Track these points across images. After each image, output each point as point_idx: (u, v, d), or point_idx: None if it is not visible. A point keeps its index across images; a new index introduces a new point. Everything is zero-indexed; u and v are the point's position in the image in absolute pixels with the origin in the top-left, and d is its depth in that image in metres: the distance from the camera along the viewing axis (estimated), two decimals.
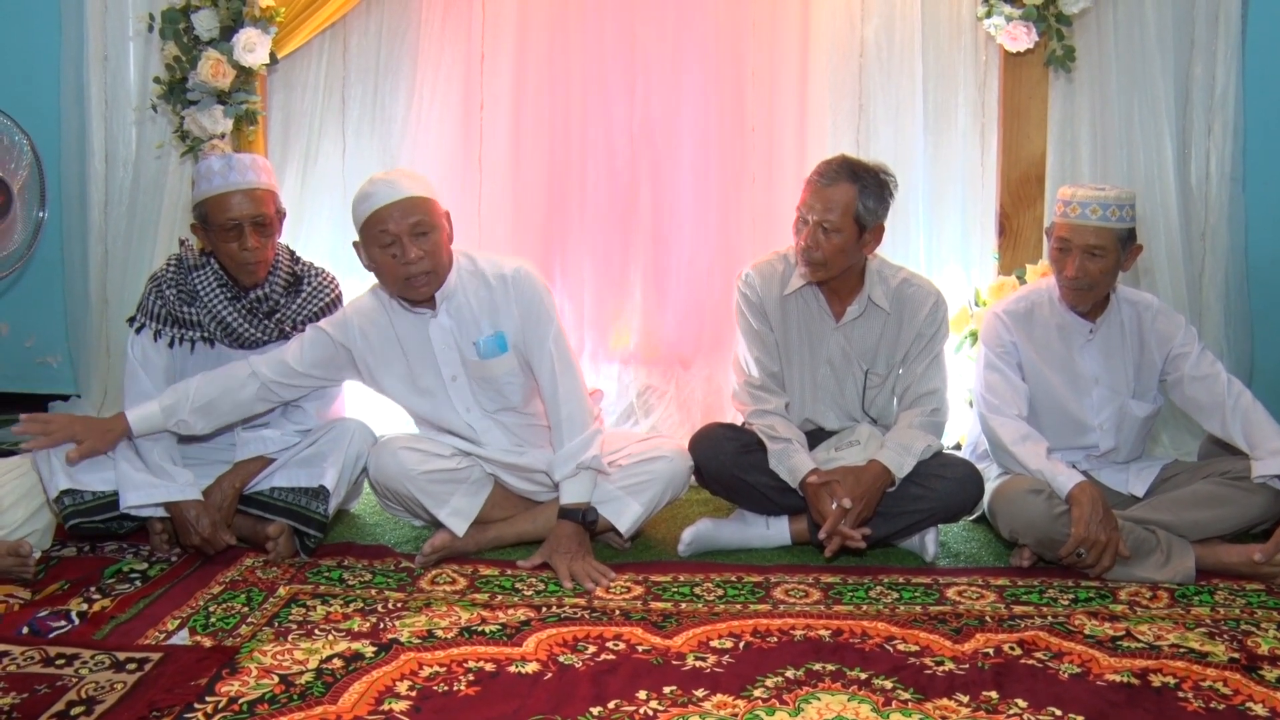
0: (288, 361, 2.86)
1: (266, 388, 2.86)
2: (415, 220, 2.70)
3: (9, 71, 4.19)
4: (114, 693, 2.09)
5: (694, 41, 3.85)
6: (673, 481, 2.93)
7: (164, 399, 2.81)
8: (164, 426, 2.80)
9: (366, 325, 2.89)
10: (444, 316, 2.85)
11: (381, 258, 2.72)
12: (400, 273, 2.72)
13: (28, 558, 2.70)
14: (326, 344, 2.88)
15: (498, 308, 2.86)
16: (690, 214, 3.91)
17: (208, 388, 2.83)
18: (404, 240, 2.69)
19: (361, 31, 3.98)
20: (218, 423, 2.85)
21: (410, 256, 2.69)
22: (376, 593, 2.63)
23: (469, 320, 2.85)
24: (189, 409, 2.80)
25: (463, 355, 2.87)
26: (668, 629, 2.43)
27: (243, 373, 2.85)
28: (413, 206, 2.72)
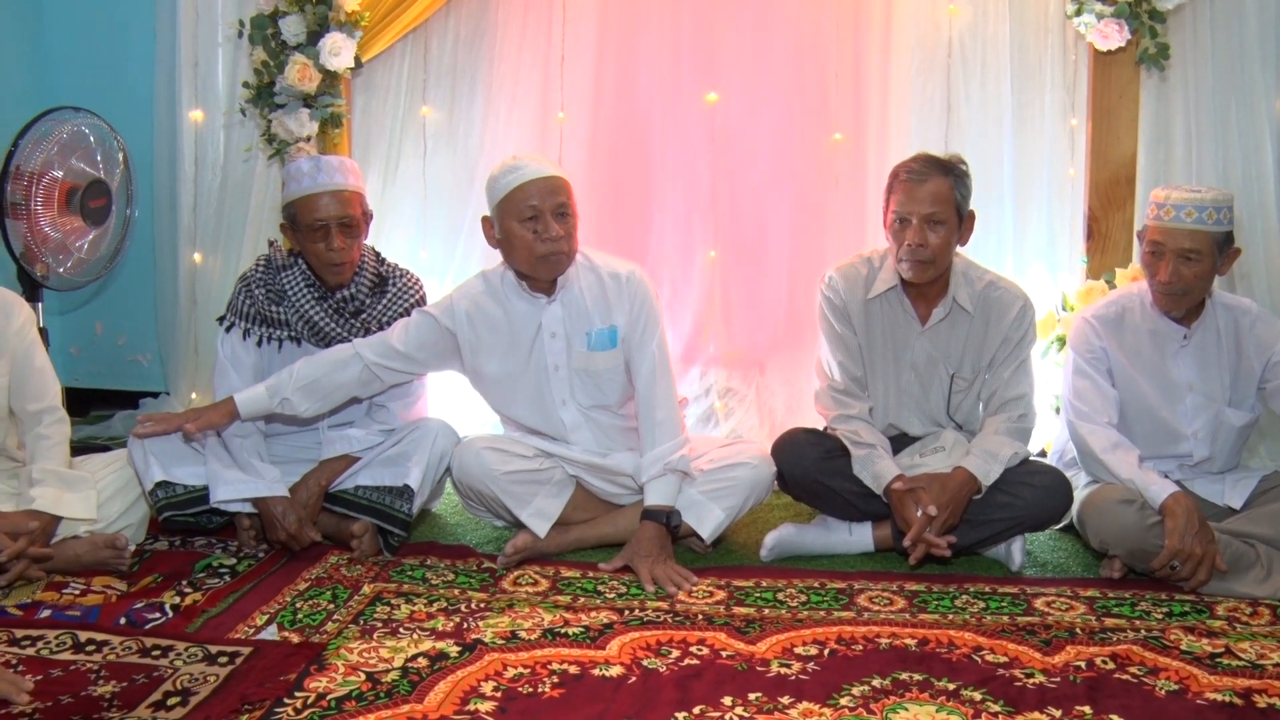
0: (391, 343, 2.88)
1: (369, 369, 2.87)
2: (561, 200, 2.75)
3: (106, 78, 4.30)
4: (207, 685, 2.12)
5: (775, 43, 3.83)
6: (755, 488, 2.91)
7: (269, 381, 2.86)
8: (269, 407, 2.84)
9: (473, 310, 2.91)
10: (558, 305, 2.87)
11: (520, 232, 2.74)
12: (539, 249, 2.74)
13: (124, 550, 2.78)
14: (432, 327, 2.91)
15: (610, 304, 2.88)
16: (771, 217, 3.88)
17: (311, 368, 2.85)
18: (547, 216, 2.72)
19: (441, 35, 4.02)
20: (320, 404, 2.88)
21: (553, 232, 2.72)
22: (460, 593, 2.65)
23: (580, 312, 2.87)
24: (292, 388, 2.83)
25: (569, 346, 2.88)
26: (751, 634, 2.41)
27: (346, 354, 2.88)
28: (559, 186, 2.76)
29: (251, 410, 2.84)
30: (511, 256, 2.82)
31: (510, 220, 2.75)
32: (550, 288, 2.86)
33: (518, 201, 2.73)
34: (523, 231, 2.74)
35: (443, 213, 4.06)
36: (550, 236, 2.73)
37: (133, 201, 3.69)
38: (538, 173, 2.75)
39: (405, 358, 2.90)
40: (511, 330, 2.90)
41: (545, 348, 2.89)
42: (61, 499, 2.75)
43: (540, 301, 2.87)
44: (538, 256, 2.75)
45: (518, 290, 2.88)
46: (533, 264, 2.78)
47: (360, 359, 2.86)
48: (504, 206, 2.76)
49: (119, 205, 3.62)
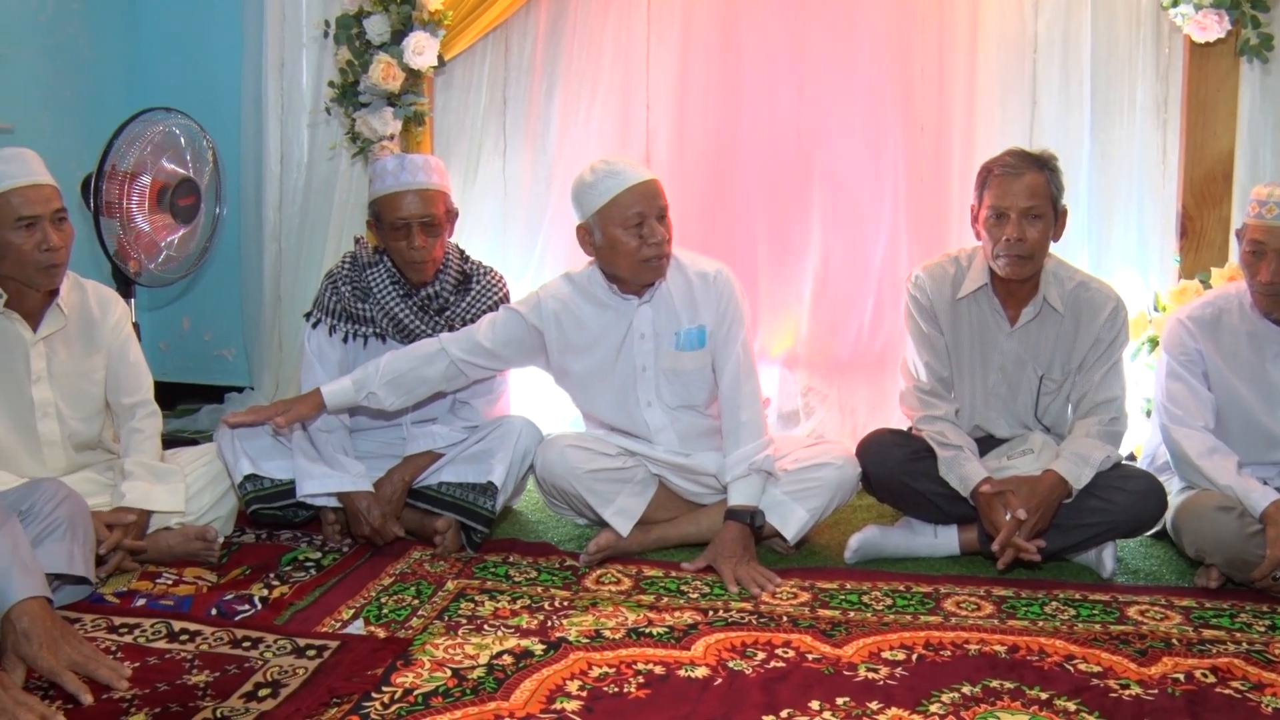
0: (478, 339, 2.89)
1: (454, 365, 2.88)
2: (661, 204, 2.75)
3: (195, 79, 4.40)
4: (296, 677, 2.15)
5: (862, 39, 3.79)
6: (840, 489, 2.88)
7: (355, 373, 2.86)
8: (355, 400, 2.85)
9: (560, 309, 2.91)
10: (648, 306, 2.87)
11: (624, 238, 2.73)
12: (645, 253, 2.73)
13: (213, 542, 2.83)
14: (519, 324, 2.91)
15: (697, 304, 2.86)
16: (856, 214, 3.84)
17: (397, 362, 2.86)
18: (652, 221, 2.72)
19: (522, 33, 4.03)
20: (404, 399, 2.88)
21: (658, 236, 2.72)
22: (543, 590, 2.65)
23: (668, 312, 2.87)
24: (379, 382, 2.83)
25: (658, 346, 2.88)
26: (837, 637, 2.38)
27: (431, 349, 2.89)
28: (658, 190, 2.76)
29: (337, 402, 2.85)
30: (615, 263, 2.80)
31: (613, 227, 2.74)
32: (642, 289, 2.85)
33: (622, 207, 2.72)
34: (627, 238, 2.73)
35: (523, 210, 4.07)
36: (656, 241, 2.72)
37: (222, 200, 3.75)
38: (638, 177, 2.73)
39: (491, 354, 2.90)
40: (600, 331, 2.90)
41: (634, 349, 2.88)
42: (152, 492, 2.80)
43: (631, 303, 2.86)
44: (642, 261, 2.74)
45: (608, 292, 2.88)
46: (637, 269, 2.77)
47: (446, 354, 2.87)
48: (606, 213, 2.74)
49: (208, 204, 3.69)
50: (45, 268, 2.67)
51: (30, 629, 2.07)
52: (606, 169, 2.75)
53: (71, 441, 2.87)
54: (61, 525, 2.36)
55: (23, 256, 2.63)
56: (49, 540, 2.34)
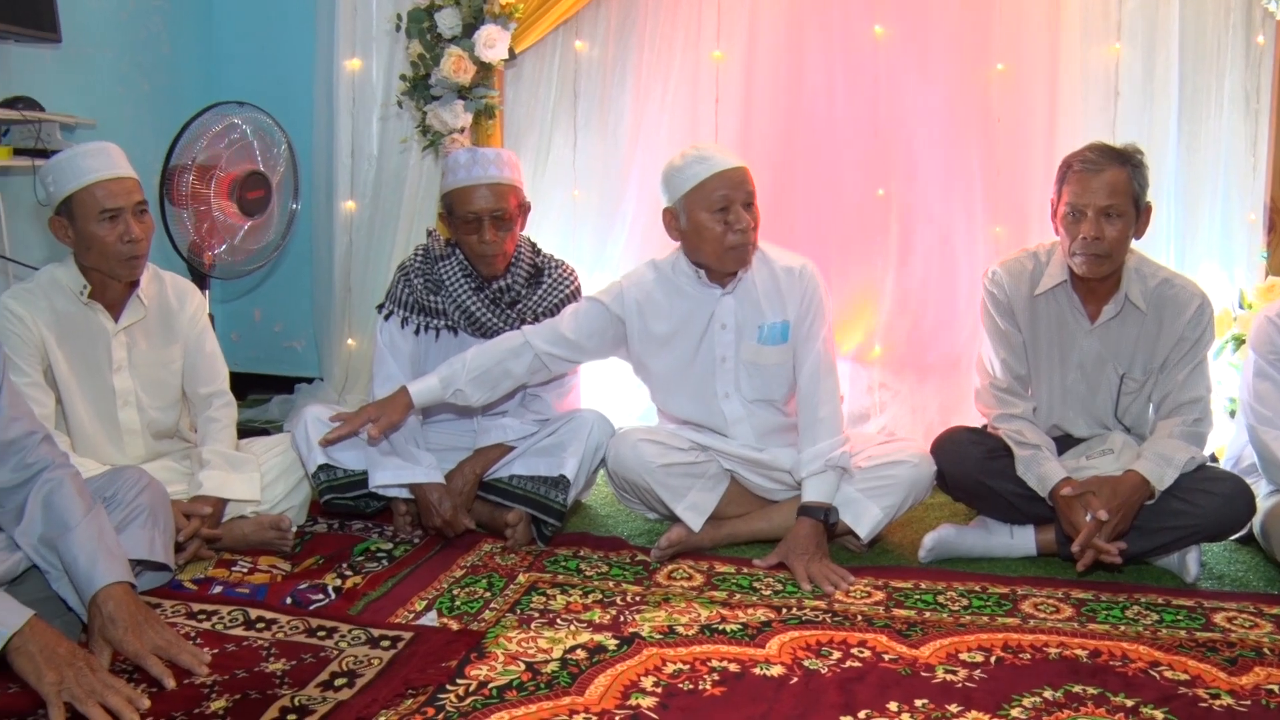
0: (561, 331, 2.88)
1: (539, 359, 2.88)
2: (749, 190, 2.73)
3: (269, 74, 4.46)
4: (371, 668, 2.16)
5: (937, 31, 3.72)
6: (915, 487, 2.84)
7: (441, 371, 2.86)
8: (442, 397, 2.84)
9: (642, 298, 2.89)
10: (731, 296, 2.84)
11: (710, 223, 2.71)
12: (730, 240, 2.71)
13: (287, 531, 2.86)
14: (601, 314, 2.90)
15: (781, 297, 2.84)
16: (931, 210, 3.78)
17: (482, 358, 2.86)
18: (738, 207, 2.70)
19: (592, 25, 4.02)
20: (490, 394, 2.88)
21: (744, 223, 2.69)
22: (614, 585, 2.64)
23: (751, 304, 2.84)
24: (465, 379, 2.83)
25: (739, 338, 2.85)
26: (913, 638, 2.34)
27: (516, 343, 2.88)
28: (746, 176, 2.74)
29: (425, 401, 2.85)
30: (699, 248, 2.78)
31: (700, 211, 2.72)
32: (726, 279, 2.83)
33: (708, 192, 2.70)
34: (713, 223, 2.71)
35: (593, 202, 4.06)
36: (741, 227, 2.69)
37: (298, 196, 3.79)
38: (726, 163, 2.72)
39: (574, 346, 2.89)
40: (682, 320, 2.88)
41: (715, 339, 2.86)
42: (228, 481, 2.84)
43: (714, 292, 2.84)
44: (727, 248, 2.72)
45: (692, 280, 2.85)
46: (721, 255, 2.75)
47: (530, 348, 2.86)
48: (692, 197, 2.73)
49: (283, 199, 3.72)
50: (127, 259, 2.71)
51: (116, 613, 2.10)
52: (696, 154, 2.74)
53: (150, 430, 2.92)
54: (143, 512, 2.40)
55: (106, 248, 2.68)
56: (131, 526, 2.37)
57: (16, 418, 2.26)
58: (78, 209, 2.67)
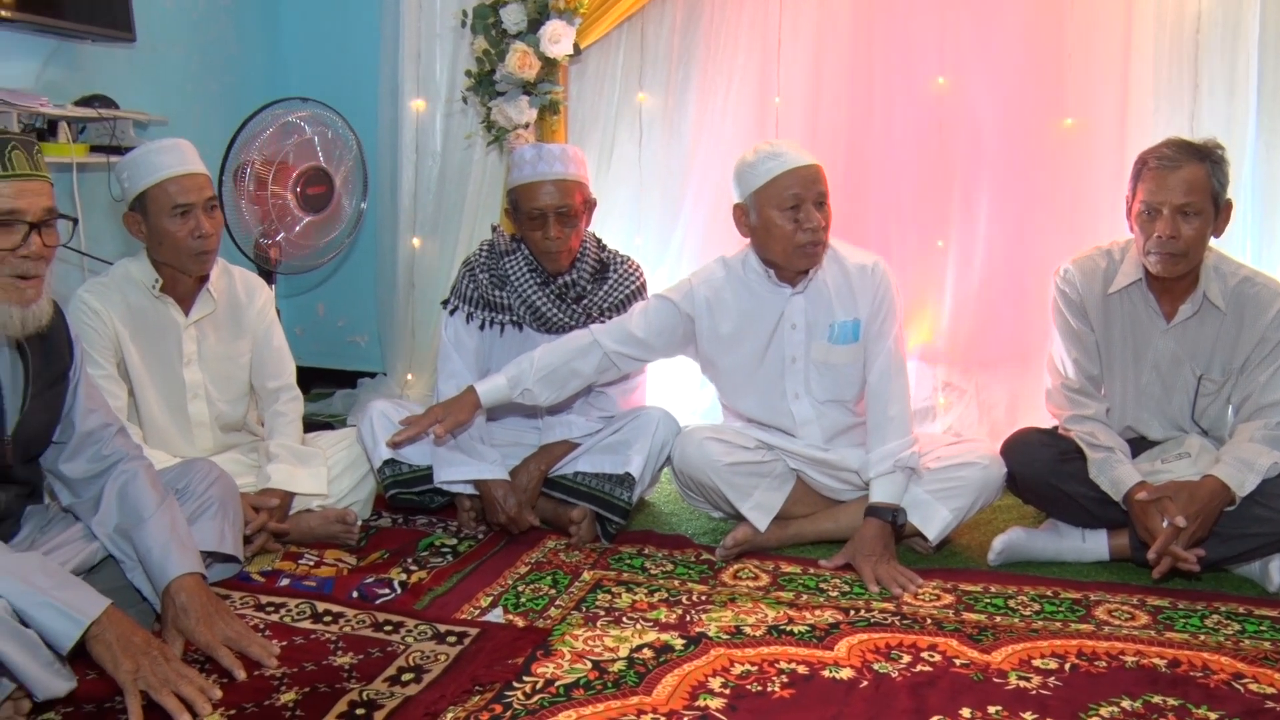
0: (630, 329, 2.86)
1: (608, 357, 2.86)
2: (820, 189, 2.69)
3: (334, 71, 4.50)
4: (438, 663, 2.16)
5: (1006, 23, 3.64)
6: (985, 489, 2.78)
7: (508, 370, 2.84)
8: (510, 397, 2.83)
9: (712, 296, 2.87)
10: (801, 296, 2.81)
11: (780, 221, 2.68)
12: (800, 238, 2.68)
13: (353, 525, 2.88)
14: (671, 312, 2.88)
15: (854, 296, 2.80)
16: (998, 205, 3.71)
17: (550, 357, 2.84)
18: (809, 205, 2.66)
19: (657, 21, 4.00)
20: (558, 393, 2.86)
21: (814, 222, 2.66)
22: (679, 584, 2.62)
23: (822, 303, 2.81)
24: (533, 379, 2.81)
25: (810, 337, 2.82)
26: (984, 642, 2.30)
27: (584, 341, 2.86)
28: (819, 175, 2.70)
29: (493, 401, 2.83)
30: (768, 246, 2.75)
31: (770, 209, 2.69)
32: (796, 277, 2.79)
33: (779, 189, 2.67)
34: (783, 221, 2.67)
35: (658, 198, 4.05)
36: (811, 226, 2.65)
37: (367, 193, 3.81)
38: (799, 160, 2.68)
39: (643, 344, 2.87)
40: (751, 319, 2.85)
41: (785, 338, 2.83)
42: (295, 475, 2.86)
43: (784, 291, 2.81)
44: (796, 246, 2.69)
45: (762, 278, 2.82)
46: (790, 254, 2.71)
47: (599, 346, 2.85)
48: (763, 194, 2.69)
49: (353, 198, 3.74)
50: (198, 254, 2.74)
51: (188, 604, 2.12)
52: (769, 150, 2.71)
53: (219, 423, 2.95)
54: (214, 505, 2.42)
55: (177, 243, 2.71)
56: (202, 519, 2.39)
57: (93, 410, 2.30)
58: (151, 204, 2.71)
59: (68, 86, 3.57)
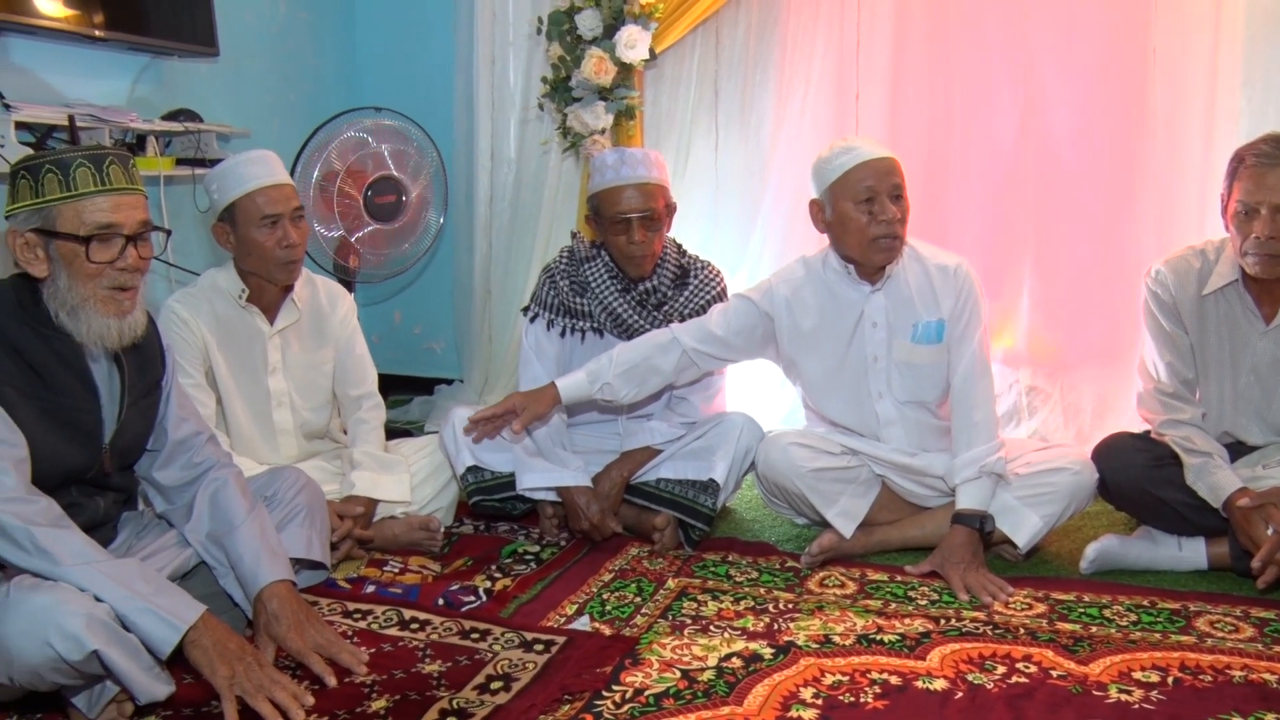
0: (710, 329, 2.85)
1: (687, 355, 2.85)
2: (895, 182, 2.65)
3: (409, 79, 4.55)
4: (526, 672, 2.16)
5: (1089, 18, 3.56)
6: (1077, 495, 2.71)
7: (588, 366, 2.84)
8: (589, 393, 2.83)
9: (791, 294, 2.84)
10: (882, 294, 2.77)
11: (854, 214, 2.65)
12: (874, 231, 2.65)
13: (436, 532, 2.89)
14: (751, 311, 2.86)
15: (935, 296, 2.76)
16: (1081, 206, 3.63)
17: (629, 353, 2.84)
18: (884, 198, 2.63)
19: (733, 24, 3.98)
20: (638, 390, 2.85)
21: (889, 214, 2.63)
22: (765, 591, 2.60)
23: (903, 303, 2.77)
24: (612, 374, 2.81)
25: (891, 337, 2.78)
26: (1080, 654, 2.24)
27: (664, 339, 2.86)
28: (894, 168, 2.67)
29: (573, 396, 2.84)
30: (843, 240, 2.72)
31: (844, 202, 2.66)
32: (876, 275, 2.75)
33: (853, 183, 2.64)
34: (857, 214, 2.64)
35: (735, 202, 4.03)
36: (886, 219, 2.62)
37: (446, 208, 3.84)
38: (873, 153, 2.65)
39: (723, 344, 2.86)
40: (830, 317, 2.81)
41: (865, 337, 2.79)
42: (379, 482, 2.88)
43: (864, 289, 2.77)
44: (871, 240, 2.65)
45: (842, 276, 2.79)
46: (865, 248, 2.68)
47: (679, 344, 2.84)
48: (837, 188, 2.67)
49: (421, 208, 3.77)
50: (285, 263, 2.78)
51: (280, 611, 2.14)
52: (843, 144, 2.69)
53: (302, 431, 2.99)
54: (301, 512, 2.44)
55: (265, 253, 2.75)
56: (290, 525, 2.42)
57: (185, 418, 2.33)
58: (239, 215, 2.75)
59: (155, 102, 3.64)
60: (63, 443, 2.06)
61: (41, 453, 2.00)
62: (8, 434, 1.94)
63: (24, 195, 1.99)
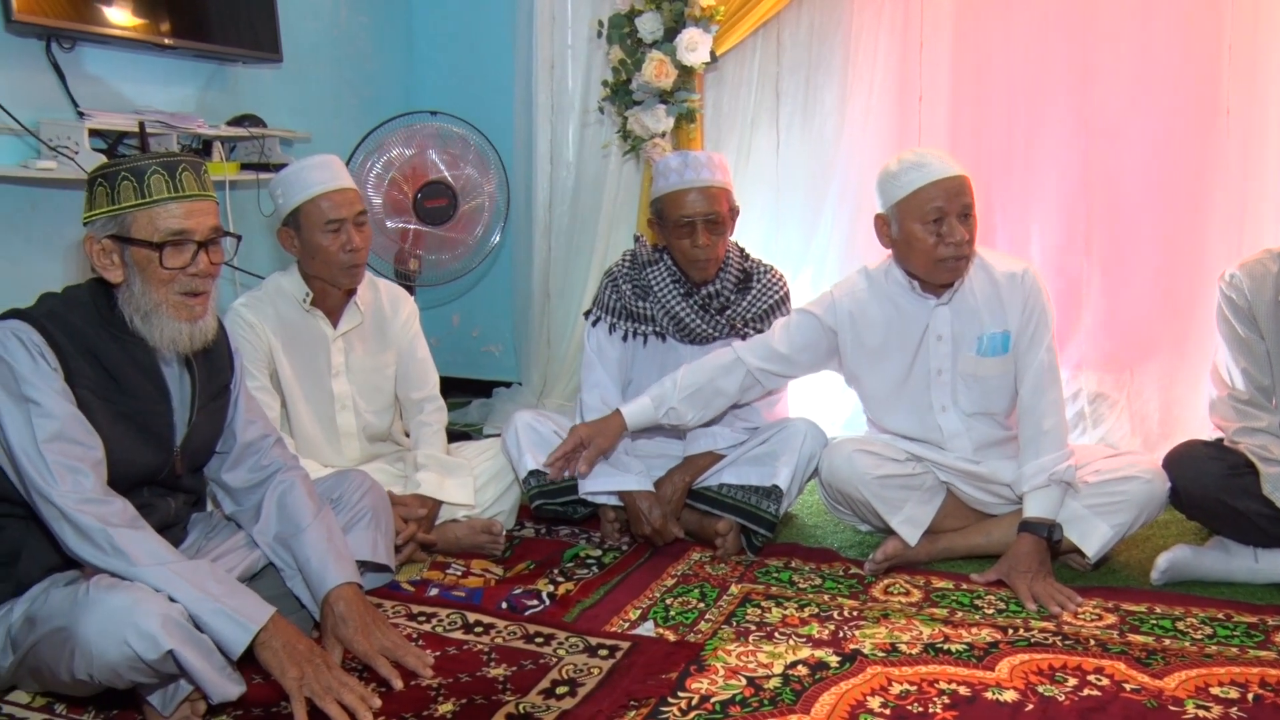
0: (773, 345, 2.83)
1: (751, 375, 2.84)
2: (966, 202, 2.60)
3: (469, 85, 4.58)
4: (592, 677, 2.15)
5: (1160, 16, 3.49)
6: (1148, 505, 2.65)
7: (652, 391, 2.84)
8: (655, 418, 2.83)
9: (855, 308, 2.81)
10: (947, 307, 2.73)
11: (921, 234, 2.61)
12: (940, 252, 2.60)
13: (498, 536, 2.90)
14: (814, 327, 2.84)
15: (1003, 306, 2.71)
16: (1150, 207, 3.56)
17: (693, 376, 2.83)
18: (953, 219, 2.58)
19: (794, 26, 3.95)
20: (703, 412, 2.85)
21: (957, 236, 2.58)
22: (829, 598, 2.57)
23: (969, 314, 2.72)
24: (678, 398, 2.81)
25: (956, 349, 2.74)
26: (1154, 667, 2.19)
27: (727, 359, 2.85)
28: (964, 187, 2.61)
29: (639, 424, 2.83)
30: (908, 259, 2.68)
31: (911, 221, 2.62)
32: (941, 289, 2.71)
33: (922, 202, 2.59)
34: (924, 234, 2.60)
35: (796, 205, 4.00)
36: (954, 240, 2.57)
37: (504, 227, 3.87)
38: (944, 171, 2.59)
39: (787, 360, 2.84)
40: (894, 331, 2.78)
41: (930, 350, 2.75)
42: (443, 484, 2.90)
43: (929, 302, 2.73)
44: (938, 260, 2.61)
45: (905, 290, 2.75)
46: (931, 268, 2.64)
47: (742, 364, 2.83)
48: (904, 206, 2.62)
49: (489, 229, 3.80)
50: (348, 268, 2.80)
51: (347, 613, 2.16)
52: (913, 159, 2.62)
53: (365, 433, 3.01)
54: (367, 515, 2.46)
55: (329, 257, 2.77)
56: (356, 528, 2.43)
57: (253, 420, 2.36)
58: (304, 219, 2.77)
59: (220, 107, 3.70)
60: (136, 445, 2.09)
61: (116, 455, 2.03)
62: (85, 436, 1.97)
63: (101, 202, 2.02)
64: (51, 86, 3.12)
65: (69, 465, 1.93)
